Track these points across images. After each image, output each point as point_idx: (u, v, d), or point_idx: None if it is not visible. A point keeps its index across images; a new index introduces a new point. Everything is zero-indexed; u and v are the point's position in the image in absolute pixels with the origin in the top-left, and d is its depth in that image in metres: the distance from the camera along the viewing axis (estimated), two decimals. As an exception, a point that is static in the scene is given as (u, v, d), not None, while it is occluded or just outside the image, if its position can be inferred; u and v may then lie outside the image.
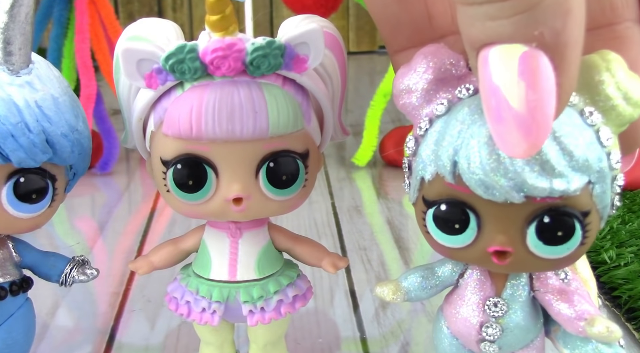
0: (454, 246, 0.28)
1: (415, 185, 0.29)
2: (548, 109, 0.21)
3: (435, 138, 0.27)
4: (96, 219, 0.66)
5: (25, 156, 0.29)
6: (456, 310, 0.31)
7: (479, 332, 0.30)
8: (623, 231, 0.57)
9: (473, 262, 0.29)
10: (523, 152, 0.22)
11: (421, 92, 0.28)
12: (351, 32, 1.39)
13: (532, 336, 0.31)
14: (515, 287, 0.30)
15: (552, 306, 0.30)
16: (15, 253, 0.34)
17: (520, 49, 0.21)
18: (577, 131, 0.25)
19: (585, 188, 0.25)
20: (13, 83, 0.29)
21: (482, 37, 0.21)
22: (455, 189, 0.26)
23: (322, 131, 0.34)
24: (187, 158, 0.30)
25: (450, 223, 0.27)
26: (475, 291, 0.30)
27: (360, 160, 0.77)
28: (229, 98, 0.29)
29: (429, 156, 0.27)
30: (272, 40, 0.29)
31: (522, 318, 0.30)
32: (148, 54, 0.29)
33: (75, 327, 0.47)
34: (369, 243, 0.59)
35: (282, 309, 0.34)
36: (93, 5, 0.72)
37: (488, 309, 0.30)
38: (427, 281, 0.32)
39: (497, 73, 0.21)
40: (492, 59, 0.21)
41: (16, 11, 0.29)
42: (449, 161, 0.26)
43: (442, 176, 0.26)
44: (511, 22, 0.21)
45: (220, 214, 0.32)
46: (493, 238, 0.27)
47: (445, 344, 0.32)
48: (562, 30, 0.21)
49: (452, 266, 0.32)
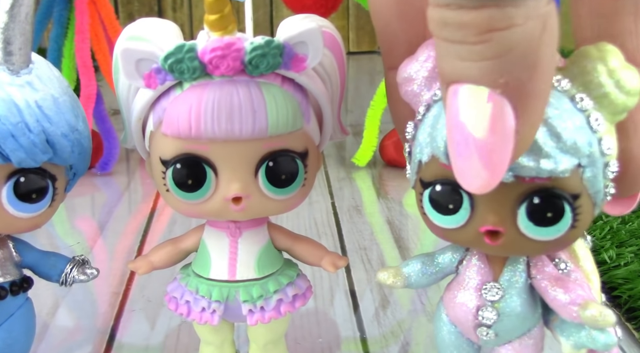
0: (448, 227, 0.29)
1: (414, 168, 0.29)
2: (504, 154, 0.22)
3: (432, 121, 0.27)
4: (96, 219, 0.66)
5: (25, 156, 0.29)
6: (454, 295, 0.32)
7: (476, 316, 0.31)
8: (623, 231, 0.57)
9: (467, 243, 0.30)
10: (480, 186, 0.23)
11: (422, 80, 0.29)
12: (351, 32, 1.39)
13: (530, 325, 0.31)
14: (512, 273, 0.31)
15: (547, 292, 0.30)
16: (15, 253, 0.34)
17: (486, 92, 0.22)
18: (566, 114, 0.26)
19: (575, 171, 0.26)
20: (13, 83, 0.29)
21: (451, 74, 0.22)
22: (449, 170, 0.26)
23: (322, 131, 0.34)
24: (187, 157, 0.30)
25: (444, 203, 0.28)
26: (473, 276, 0.31)
27: (360, 160, 0.77)
28: (228, 97, 0.29)
29: (425, 139, 0.28)
30: (270, 39, 0.29)
31: (519, 304, 0.31)
32: (147, 54, 0.29)
33: (75, 327, 0.47)
34: (369, 243, 0.59)
35: (282, 308, 0.35)
36: (93, 5, 0.72)
37: (485, 293, 0.31)
38: (427, 268, 0.32)
39: (464, 111, 0.22)
40: (461, 96, 0.22)
41: (16, 11, 0.29)
42: (443, 142, 0.26)
43: (437, 157, 0.27)
44: (478, 67, 0.21)
45: (220, 213, 0.32)
46: (485, 218, 0.27)
47: (444, 332, 0.33)
48: (527, 82, 0.21)
49: (452, 253, 0.32)
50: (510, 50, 0.21)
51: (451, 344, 0.33)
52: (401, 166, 0.76)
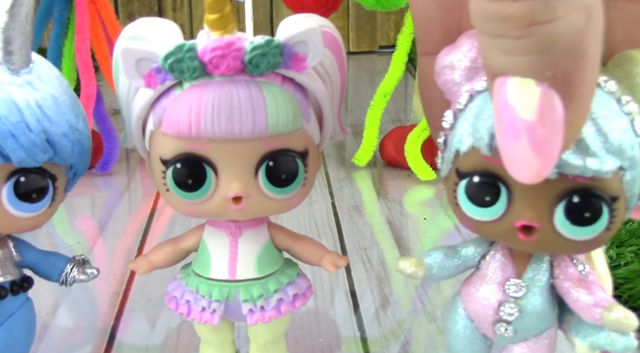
0: (482, 219, 0.28)
1: (449, 158, 0.29)
2: (555, 144, 0.22)
3: (475, 111, 0.27)
4: (96, 220, 0.66)
5: (25, 156, 0.29)
6: (475, 289, 0.32)
7: (497, 312, 0.31)
8: (623, 231, 0.57)
9: (499, 237, 0.30)
10: (532, 176, 0.23)
11: (464, 69, 0.28)
12: (351, 32, 1.39)
13: (547, 325, 0.31)
14: (535, 271, 0.31)
15: (570, 293, 0.30)
16: (15, 253, 0.34)
17: (533, 85, 0.21)
18: (614, 115, 0.26)
19: (617, 173, 0.26)
20: (13, 83, 0.29)
21: (496, 68, 0.22)
22: (490, 162, 0.27)
23: (322, 130, 0.34)
24: (187, 157, 0.30)
25: (481, 195, 0.28)
26: (497, 272, 0.31)
27: (360, 160, 0.77)
28: (228, 97, 0.29)
29: (466, 129, 0.28)
30: (270, 39, 0.29)
31: (540, 302, 0.31)
32: (147, 54, 0.29)
33: (75, 327, 0.47)
34: (369, 243, 0.59)
35: (282, 308, 0.35)
36: (93, 5, 0.72)
37: (508, 289, 0.31)
38: (449, 260, 0.32)
39: (512, 101, 0.22)
40: (508, 89, 0.22)
41: (16, 11, 0.29)
42: (487, 134, 0.26)
43: (478, 148, 0.27)
44: (524, 61, 0.21)
45: (220, 213, 0.32)
46: (521, 213, 0.27)
47: (460, 326, 0.33)
48: (574, 73, 0.21)
49: (475, 247, 0.32)
50: (555, 44, 0.20)
51: (465, 338, 0.33)
52: (401, 166, 0.76)
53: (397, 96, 1.00)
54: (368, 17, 1.39)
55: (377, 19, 1.39)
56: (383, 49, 1.39)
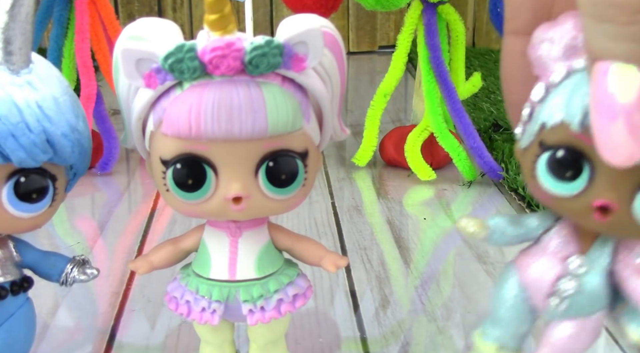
0: (559, 194, 0.28)
1: (532, 130, 0.29)
2: None
3: (571, 88, 0.27)
4: (96, 220, 0.66)
5: (25, 156, 0.29)
6: (535, 259, 0.32)
7: (554, 284, 0.31)
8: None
9: (573, 214, 0.30)
10: (624, 159, 0.23)
11: (563, 46, 0.28)
12: (351, 32, 1.39)
13: (599, 307, 0.32)
14: (599, 252, 0.31)
15: (629, 281, 0.30)
16: (15, 253, 0.34)
17: (635, 70, 0.22)
18: None
19: None
20: (13, 83, 0.29)
21: (599, 53, 0.22)
22: (578, 139, 0.27)
23: (322, 131, 0.34)
24: (187, 157, 0.30)
25: (563, 169, 0.28)
26: (560, 246, 0.31)
27: (360, 160, 0.77)
28: (228, 97, 0.29)
29: (559, 103, 0.28)
30: (270, 39, 0.29)
31: (598, 283, 0.31)
32: (147, 54, 0.29)
33: (75, 327, 0.47)
34: (369, 243, 0.59)
35: (282, 308, 0.35)
36: (93, 5, 0.72)
37: (570, 265, 0.31)
38: (513, 228, 0.33)
39: (613, 86, 0.22)
40: (610, 74, 0.22)
41: (16, 11, 0.29)
42: (581, 111, 0.26)
43: (568, 124, 0.27)
44: (630, 48, 0.21)
45: (220, 213, 0.32)
46: (602, 193, 0.27)
47: (511, 294, 0.33)
48: None
49: (539, 221, 0.32)
50: None
51: (513, 306, 0.33)
52: (401, 166, 0.76)
53: (397, 96, 1.00)
54: (368, 17, 1.39)
55: (377, 19, 1.39)
56: (383, 49, 1.39)
